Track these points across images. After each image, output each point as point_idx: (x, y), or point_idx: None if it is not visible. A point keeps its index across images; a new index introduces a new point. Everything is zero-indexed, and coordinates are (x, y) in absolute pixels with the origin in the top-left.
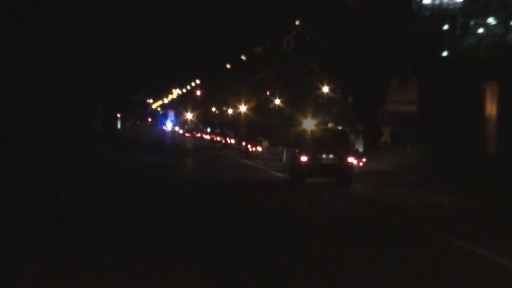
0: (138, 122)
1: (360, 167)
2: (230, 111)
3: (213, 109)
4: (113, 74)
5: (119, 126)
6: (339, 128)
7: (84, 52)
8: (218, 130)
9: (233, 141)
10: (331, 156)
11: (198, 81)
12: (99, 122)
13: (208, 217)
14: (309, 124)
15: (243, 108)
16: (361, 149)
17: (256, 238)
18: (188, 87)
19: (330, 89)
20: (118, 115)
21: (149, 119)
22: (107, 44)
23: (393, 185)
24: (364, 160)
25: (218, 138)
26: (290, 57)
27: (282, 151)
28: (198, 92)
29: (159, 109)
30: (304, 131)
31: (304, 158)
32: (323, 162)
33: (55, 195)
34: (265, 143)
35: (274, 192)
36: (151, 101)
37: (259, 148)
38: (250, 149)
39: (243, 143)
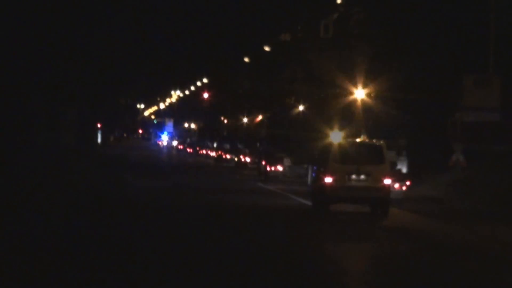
0: (125, 135)
1: (402, 191)
2: (245, 119)
3: (222, 118)
4: (91, 70)
5: (99, 139)
6: (374, 141)
7: (52, 41)
8: (227, 145)
9: (248, 159)
10: (362, 177)
11: (205, 80)
12: (71, 134)
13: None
14: (336, 136)
15: (260, 117)
16: (404, 169)
17: None
18: (192, 88)
19: (367, 94)
20: (99, 125)
21: (140, 131)
22: (83, 31)
23: (452, 216)
24: (408, 183)
25: (228, 156)
26: (329, 47)
27: (307, 171)
28: (206, 95)
29: (153, 117)
30: (330, 145)
31: (328, 180)
32: (353, 184)
33: None
34: (287, 161)
35: (293, 223)
36: (142, 106)
37: (279, 167)
38: (269, 169)
39: (263, 162)
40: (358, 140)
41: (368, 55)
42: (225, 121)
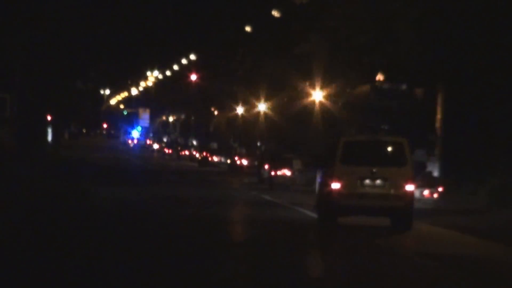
0: (85, 130)
1: (433, 200)
2: (240, 110)
3: (213, 108)
4: (36, 43)
5: (50, 137)
6: (393, 138)
7: None
8: (215, 144)
9: (244, 161)
10: (378, 181)
11: (193, 57)
12: (8, 130)
13: None
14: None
15: (262, 107)
16: (435, 173)
17: None
18: (176, 68)
19: (385, 78)
20: (48, 118)
21: (104, 125)
22: None
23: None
24: (440, 189)
25: (215, 158)
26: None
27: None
28: (193, 77)
29: (122, 106)
30: (339, 143)
31: (336, 185)
32: (366, 191)
33: None
34: (297, 164)
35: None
36: (107, 92)
37: (287, 172)
38: (274, 174)
39: (266, 166)
40: (374, 135)
41: None
42: (215, 112)
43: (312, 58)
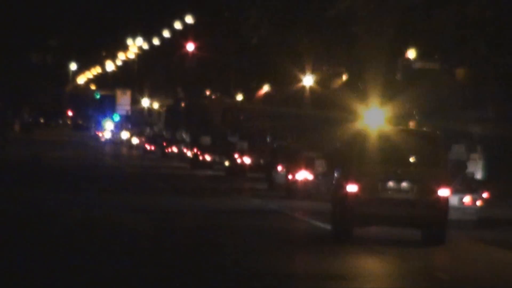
0: (42, 120)
1: (476, 209)
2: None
3: (208, 92)
4: None
5: None
6: (424, 131)
7: None
8: (207, 139)
9: (247, 160)
10: (404, 184)
11: (189, 20)
12: None
13: None
14: (372, 121)
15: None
16: (478, 175)
17: None
18: (166, 35)
19: (420, 55)
20: None
21: (69, 113)
22: None
23: None
24: (485, 195)
25: (208, 156)
26: None
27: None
28: (190, 47)
29: (93, 87)
30: (359, 135)
31: (352, 188)
32: (390, 196)
33: None
34: (320, 164)
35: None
36: (74, 68)
37: (308, 175)
38: (292, 178)
39: (279, 168)
40: (401, 127)
41: None
42: (212, 96)
43: (350, 22)
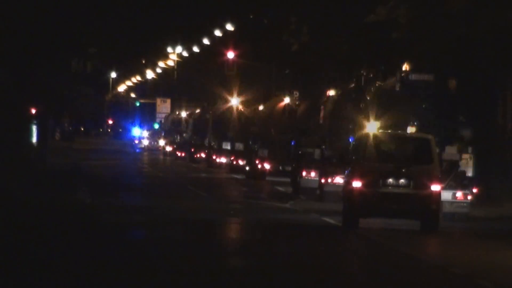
0: (83, 129)
1: (467, 203)
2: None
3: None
4: (13, 7)
5: (34, 137)
6: (419, 134)
7: None
8: (241, 146)
9: (267, 165)
10: (402, 180)
11: (229, 27)
12: None
13: None
14: (373, 128)
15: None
16: (469, 172)
17: None
18: (206, 42)
19: (412, 67)
20: (33, 111)
21: (110, 121)
22: None
23: None
24: (474, 190)
25: (241, 161)
26: None
27: None
28: (231, 54)
29: (133, 96)
30: (362, 139)
31: (357, 184)
32: (389, 190)
33: None
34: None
35: None
36: (113, 76)
37: (339, 179)
38: (325, 182)
39: (303, 173)
40: (400, 132)
41: None
42: (241, 107)
43: (389, 28)
